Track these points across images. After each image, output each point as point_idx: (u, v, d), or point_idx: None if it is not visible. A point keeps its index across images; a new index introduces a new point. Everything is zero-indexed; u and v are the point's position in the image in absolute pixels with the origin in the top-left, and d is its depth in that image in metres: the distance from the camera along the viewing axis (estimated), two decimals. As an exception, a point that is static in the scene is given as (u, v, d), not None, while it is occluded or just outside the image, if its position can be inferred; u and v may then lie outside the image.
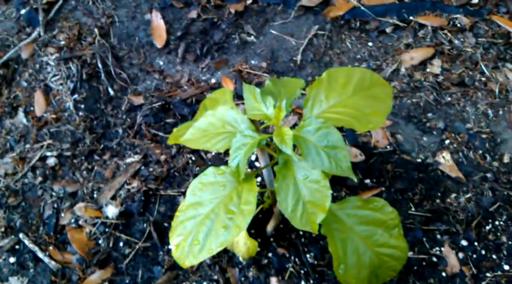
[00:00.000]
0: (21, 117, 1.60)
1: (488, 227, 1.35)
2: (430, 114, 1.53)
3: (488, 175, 1.42)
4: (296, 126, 0.90)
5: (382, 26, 1.69)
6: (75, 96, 1.61)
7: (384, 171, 1.43)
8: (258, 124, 1.00)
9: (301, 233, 1.33)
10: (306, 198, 0.87)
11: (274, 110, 0.93)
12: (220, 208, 0.90)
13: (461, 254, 1.31)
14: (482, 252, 1.31)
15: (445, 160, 1.44)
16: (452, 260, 1.29)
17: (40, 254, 1.36)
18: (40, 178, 1.49)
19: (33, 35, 1.73)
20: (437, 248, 1.31)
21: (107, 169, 1.48)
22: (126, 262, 1.34)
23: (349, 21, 1.72)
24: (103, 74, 1.64)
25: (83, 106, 1.60)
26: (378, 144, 1.48)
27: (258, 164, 1.45)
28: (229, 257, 1.30)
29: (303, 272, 1.28)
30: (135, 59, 1.70)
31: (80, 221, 1.40)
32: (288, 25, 1.73)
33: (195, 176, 0.94)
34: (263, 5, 1.76)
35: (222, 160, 1.47)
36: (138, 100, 1.60)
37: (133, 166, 1.48)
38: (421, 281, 1.26)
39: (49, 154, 1.52)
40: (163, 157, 1.48)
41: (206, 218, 0.90)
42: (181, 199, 1.40)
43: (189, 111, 1.56)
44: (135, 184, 1.44)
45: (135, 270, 1.33)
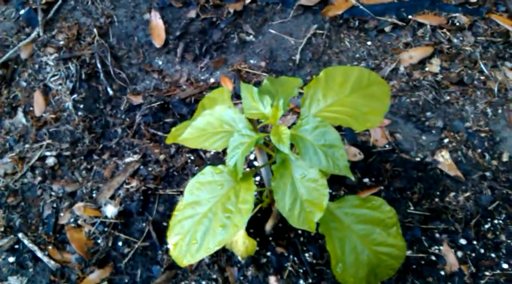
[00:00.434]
0: (20, 117, 1.61)
1: (487, 226, 1.35)
2: (429, 113, 1.53)
3: (487, 174, 1.41)
4: (294, 125, 0.90)
5: (381, 25, 1.69)
6: (74, 96, 1.62)
7: (383, 170, 1.43)
8: (255, 124, 1.01)
9: (300, 232, 1.33)
10: (304, 196, 0.88)
11: (271, 109, 0.93)
12: (218, 207, 0.91)
13: (460, 253, 1.31)
14: (481, 251, 1.31)
15: (444, 159, 1.44)
16: (451, 259, 1.29)
17: (39, 254, 1.36)
18: (39, 178, 1.49)
19: (33, 35, 1.73)
20: (436, 247, 1.31)
21: (106, 169, 1.49)
22: (125, 262, 1.34)
23: (348, 20, 1.71)
24: (102, 74, 1.64)
25: (82, 106, 1.60)
26: (376, 143, 1.48)
27: (257, 163, 1.45)
28: (228, 257, 1.31)
29: (301, 271, 1.28)
30: (134, 59, 1.70)
31: (79, 221, 1.40)
32: (287, 24, 1.73)
33: (194, 175, 0.94)
34: (262, 4, 1.76)
35: (221, 159, 1.47)
36: (137, 100, 1.61)
37: (133, 166, 1.48)
38: (419, 280, 1.26)
39: (48, 154, 1.52)
40: (162, 157, 1.48)
41: (204, 218, 0.90)
42: (180, 199, 1.40)
43: (188, 111, 1.56)
44: (134, 183, 1.44)
45: (134, 269, 1.33)
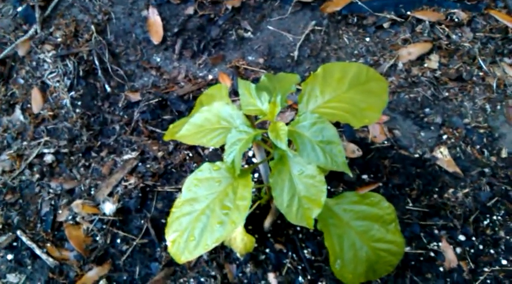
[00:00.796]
0: (18, 114, 1.60)
1: (486, 222, 1.35)
2: (427, 109, 1.53)
3: (486, 170, 1.41)
4: (292, 122, 0.90)
5: (379, 21, 1.69)
6: (72, 93, 1.61)
7: (382, 166, 1.43)
8: (253, 120, 1.00)
9: (298, 229, 1.33)
10: (302, 193, 0.87)
11: (269, 105, 0.93)
12: (215, 204, 0.90)
13: (459, 249, 1.31)
14: (480, 247, 1.31)
15: (442, 155, 1.44)
16: (450, 255, 1.29)
17: (38, 251, 1.36)
18: (37, 175, 1.49)
19: (30, 32, 1.72)
20: (435, 243, 1.31)
21: (104, 166, 1.48)
22: (123, 259, 1.34)
23: (346, 16, 1.71)
24: (100, 71, 1.64)
25: (79, 103, 1.60)
26: (375, 140, 1.48)
27: (255, 160, 1.44)
28: (226, 253, 1.30)
29: (300, 267, 1.28)
30: (132, 56, 1.69)
31: (78, 218, 1.40)
32: (285, 21, 1.72)
33: (192, 172, 0.94)
34: (260, 0, 1.75)
35: (219, 156, 1.47)
36: (135, 96, 1.60)
37: (131, 163, 1.47)
38: (418, 277, 1.26)
39: (46, 151, 1.52)
40: (160, 154, 1.48)
41: (202, 214, 0.90)
42: (178, 196, 1.39)
43: (186, 108, 1.56)
44: (133, 180, 1.44)
45: (133, 266, 1.33)
